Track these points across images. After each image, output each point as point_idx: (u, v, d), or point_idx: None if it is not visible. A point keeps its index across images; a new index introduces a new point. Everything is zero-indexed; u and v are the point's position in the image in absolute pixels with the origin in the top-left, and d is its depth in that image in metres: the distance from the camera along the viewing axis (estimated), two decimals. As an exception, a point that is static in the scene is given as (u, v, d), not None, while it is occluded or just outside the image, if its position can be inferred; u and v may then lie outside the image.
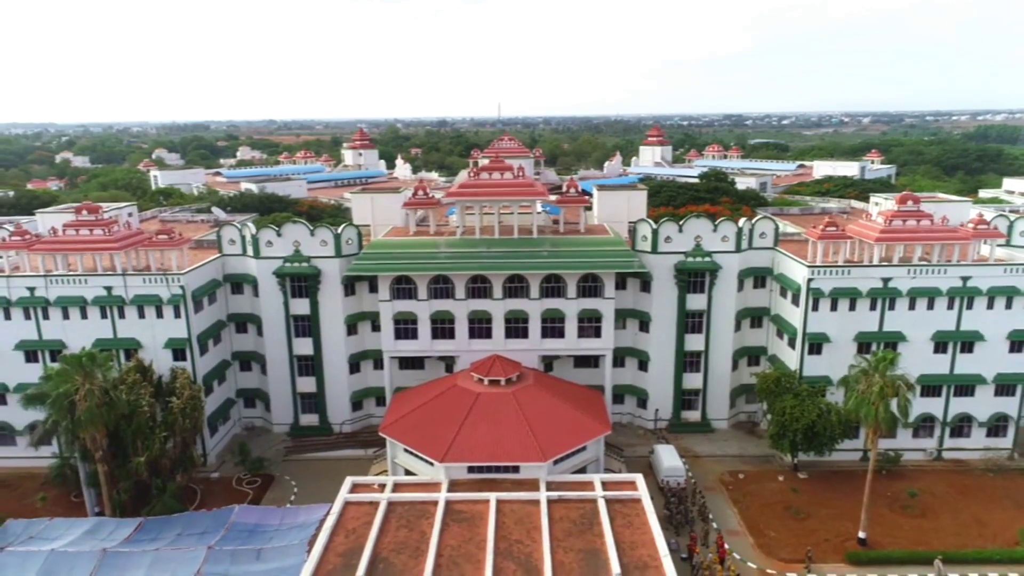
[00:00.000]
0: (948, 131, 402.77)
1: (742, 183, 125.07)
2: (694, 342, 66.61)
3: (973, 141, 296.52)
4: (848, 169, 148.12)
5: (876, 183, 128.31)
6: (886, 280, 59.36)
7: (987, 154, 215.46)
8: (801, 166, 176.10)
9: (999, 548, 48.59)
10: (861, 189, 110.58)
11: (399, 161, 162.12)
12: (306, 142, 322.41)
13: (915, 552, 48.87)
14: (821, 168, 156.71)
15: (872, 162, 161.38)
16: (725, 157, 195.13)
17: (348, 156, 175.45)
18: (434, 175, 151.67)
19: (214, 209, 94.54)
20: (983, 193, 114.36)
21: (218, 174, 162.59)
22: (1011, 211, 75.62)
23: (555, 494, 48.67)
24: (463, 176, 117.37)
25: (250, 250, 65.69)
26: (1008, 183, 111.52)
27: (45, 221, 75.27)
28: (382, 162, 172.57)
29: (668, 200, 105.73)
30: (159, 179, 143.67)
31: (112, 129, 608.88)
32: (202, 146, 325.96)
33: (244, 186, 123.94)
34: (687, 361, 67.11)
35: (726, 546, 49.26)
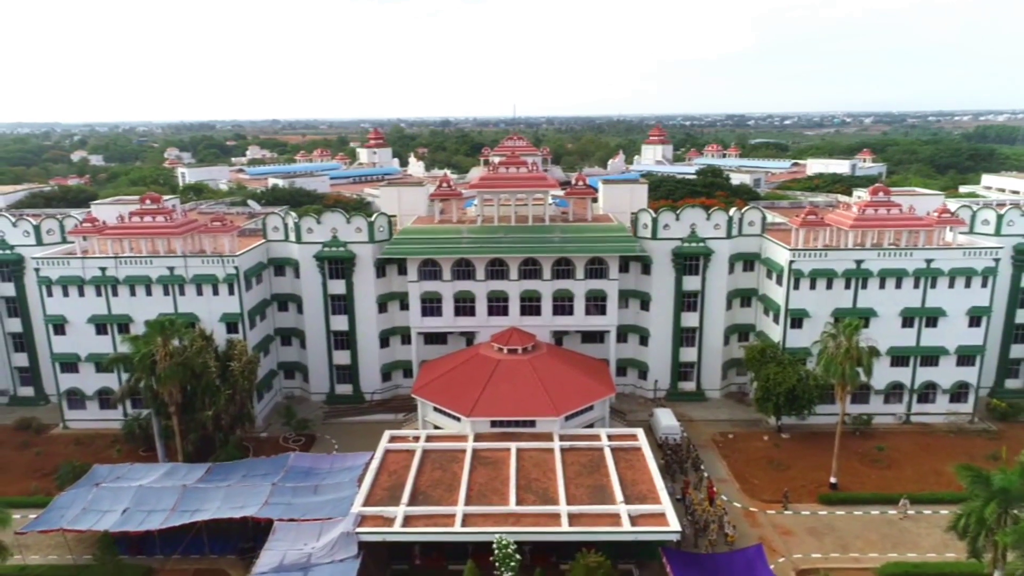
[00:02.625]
0: (949, 131, 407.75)
1: (737, 179, 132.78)
2: (690, 319, 74.15)
3: (972, 141, 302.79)
4: (839, 167, 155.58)
5: (865, 180, 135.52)
6: (859, 262, 66.88)
7: (979, 153, 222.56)
8: (795, 164, 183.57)
9: (950, 492, 55.94)
10: (849, 185, 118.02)
11: (412, 159, 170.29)
12: (313, 141, 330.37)
13: (878, 494, 56.51)
14: (814, 166, 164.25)
15: (863, 160, 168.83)
16: (724, 156, 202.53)
17: (363, 154, 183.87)
18: (446, 172, 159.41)
19: (249, 202, 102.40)
20: (964, 188, 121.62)
21: (241, 171, 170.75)
22: (984, 204, 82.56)
23: (567, 443, 56.49)
24: (475, 172, 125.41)
25: (292, 236, 73.40)
26: (986, 179, 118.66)
27: (99, 212, 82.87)
28: (395, 160, 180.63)
29: (667, 194, 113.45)
30: (186, 176, 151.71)
31: (118, 128, 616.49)
32: (212, 145, 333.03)
33: (271, 181, 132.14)
34: (683, 337, 74.64)
35: (715, 488, 56.86)
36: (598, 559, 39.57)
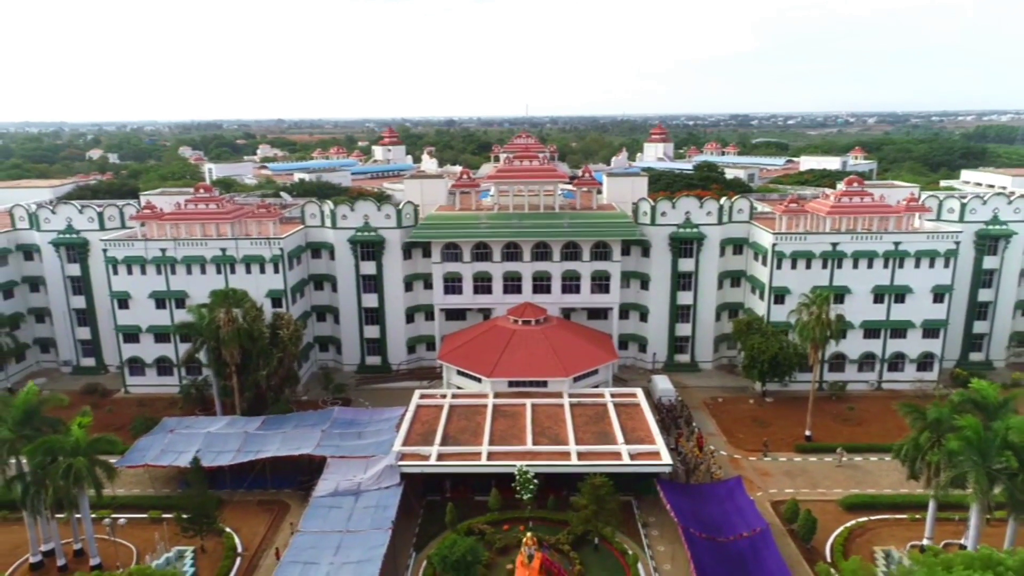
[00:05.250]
0: (950, 131, 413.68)
1: (731, 174, 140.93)
2: (685, 298, 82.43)
3: (971, 141, 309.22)
4: (831, 164, 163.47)
5: (855, 175, 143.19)
6: (835, 244, 75.05)
7: (972, 152, 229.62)
8: (789, 161, 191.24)
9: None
10: (836, 180, 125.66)
11: (425, 156, 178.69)
12: (321, 140, 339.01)
13: (848, 444, 64.59)
14: (807, 163, 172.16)
15: (855, 158, 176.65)
16: (723, 154, 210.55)
17: (378, 152, 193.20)
18: (459, 168, 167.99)
19: (282, 194, 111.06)
20: (944, 183, 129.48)
21: (264, 167, 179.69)
22: (949, 194, 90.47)
23: (575, 400, 64.89)
24: (485, 169, 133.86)
25: (328, 222, 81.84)
26: (965, 174, 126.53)
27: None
28: (408, 157, 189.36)
29: (666, 187, 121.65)
30: (214, 171, 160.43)
31: (126, 128, 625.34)
32: (223, 144, 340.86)
33: (297, 176, 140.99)
34: (679, 313, 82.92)
35: (704, 439, 65.12)
36: (603, 480, 47.75)
